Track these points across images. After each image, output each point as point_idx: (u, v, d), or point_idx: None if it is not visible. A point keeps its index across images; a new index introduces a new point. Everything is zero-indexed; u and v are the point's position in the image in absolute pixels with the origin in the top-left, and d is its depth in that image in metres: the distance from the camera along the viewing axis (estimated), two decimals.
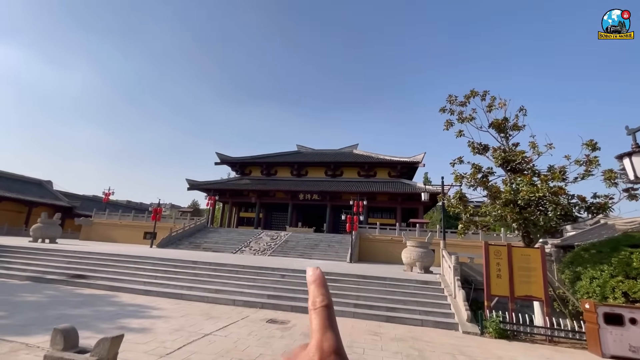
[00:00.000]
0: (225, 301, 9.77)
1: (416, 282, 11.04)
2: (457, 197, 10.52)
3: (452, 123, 11.24)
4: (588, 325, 7.34)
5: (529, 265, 8.53)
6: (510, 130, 10.70)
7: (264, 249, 24.96)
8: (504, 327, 7.89)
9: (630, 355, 6.73)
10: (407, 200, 36.06)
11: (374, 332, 7.52)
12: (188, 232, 29.25)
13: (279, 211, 42.94)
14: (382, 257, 25.78)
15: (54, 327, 2.78)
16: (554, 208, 8.64)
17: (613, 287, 7.86)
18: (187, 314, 8.13)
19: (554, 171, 9.21)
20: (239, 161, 46.83)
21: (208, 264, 13.06)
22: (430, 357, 5.93)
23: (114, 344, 2.63)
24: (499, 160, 10.02)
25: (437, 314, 8.93)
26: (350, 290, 10.46)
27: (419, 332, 7.74)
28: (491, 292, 8.62)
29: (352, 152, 47.23)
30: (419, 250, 15.12)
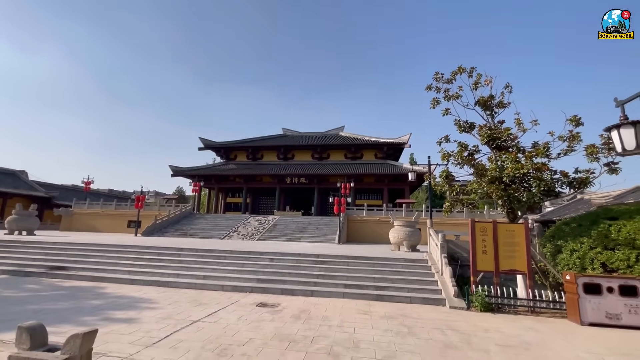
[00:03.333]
0: (214, 287, 9.66)
1: (404, 261, 11.20)
2: (443, 175, 10.55)
3: (438, 101, 11.11)
4: (568, 295, 7.62)
5: (513, 241, 8.72)
6: (495, 107, 10.68)
7: (252, 234, 24.85)
8: (489, 301, 8.11)
9: (607, 321, 7.05)
10: (393, 181, 36.38)
11: (364, 311, 7.60)
12: (173, 219, 28.73)
13: (267, 195, 42.65)
14: (370, 238, 26.12)
15: (18, 325, 2.57)
16: (537, 184, 8.77)
17: (592, 258, 8.14)
18: (175, 301, 7.98)
19: (538, 147, 9.30)
20: (224, 146, 45.80)
21: (195, 250, 12.85)
22: (419, 333, 6.03)
23: (87, 340, 2.45)
24: (484, 138, 10.04)
25: (425, 291, 9.11)
26: (340, 271, 10.52)
27: (408, 309, 7.87)
28: (477, 267, 8.82)
29: (338, 134, 46.90)
30: (406, 229, 15.32)
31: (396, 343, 5.41)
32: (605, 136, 8.70)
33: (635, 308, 7.02)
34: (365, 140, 42.30)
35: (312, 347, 5.11)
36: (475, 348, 5.33)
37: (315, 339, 5.50)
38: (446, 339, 5.77)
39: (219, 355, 4.62)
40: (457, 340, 5.68)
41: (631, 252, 7.70)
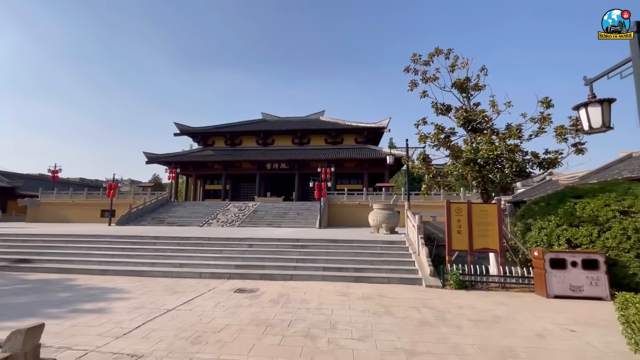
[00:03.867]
0: (191, 275, 9.47)
1: (382, 243, 11.37)
2: (420, 158, 10.65)
3: (416, 83, 11.07)
4: (536, 270, 7.99)
5: (487, 220, 9.00)
6: (471, 90, 10.77)
7: (232, 220, 24.52)
8: (463, 279, 8.39)
9: (570, 294, 7.47)
10: (373, 166, 36.72)
11: (343, 292, 7.67)
12: (150, 207, 27.85)
13: (247, 182, 42.07)
14: (351, 222, 26.41)
15: None
16: (510, 165, 9.02)
17: (558, 235, 8.54)
18: (149, 290, 7.75)
19: (511, 129, 9.51)
20: (201, 131, 44.36)
21: (171, 238, 12.50)
22: (395, 312, 6.14)
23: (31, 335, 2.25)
24: (460, 120, 10.14)
25: (403, 271, 9.30)
26: (319, 255, 10.56)
27: (385, 290, 8.01)
28: (452, 247, 9.06)
29: (318, 119, 46.46)
30: (385, 212, 15.53)
31: (373, 323, 5.49)
32: (574, 117, 8.99)
33: (596, 280, 7.47)
34: (346, 124, 42.17)
35: (289, 330, 5.09)
36: (448, 324, 5.49)
37: (292, 322, 5.49)
38: (421, 316, 5.91)
39: (192, 343, 4.51)
40: (431, 318, 5.83)
41: (594, 228, 8.13)
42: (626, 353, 4.09)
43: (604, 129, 3.92)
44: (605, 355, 4.31)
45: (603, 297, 7.37)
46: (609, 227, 8.01)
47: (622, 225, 7.85)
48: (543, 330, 5.25)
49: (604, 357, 4.24)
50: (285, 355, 4.18)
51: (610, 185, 9.31)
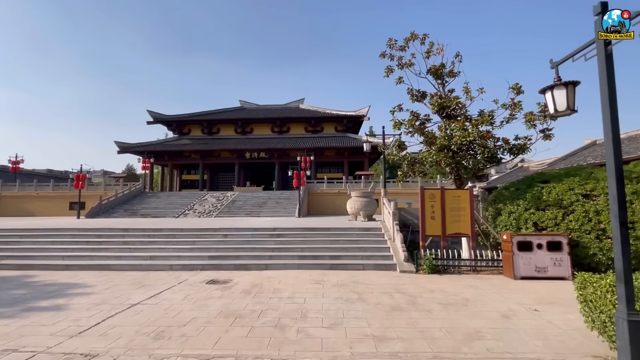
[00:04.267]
0: (162, 267, 9.14)
1: (359, 230, 11.40)
2: (396, 145, 10.64)
3: (392, 69, 10.95)
4: (504, 253, 8.24)
5: (459, 206, 9.15)
6: (446, 77, 10.78)
7: (209, 211, 23.99)
8: (436, 264, 8.54)
9: (536, 274, 7.76)
10: (353, 154, 36.81)
11: (317, 280, 7.62)
12: (122, 198, 26.76)
13: (225, 171, 41.16)
14: (331, 210, 26.48)
15: None
16: (482, 151, 9.16)
17: (526, 218, 8.82)
18: (115, 285, 7.39)
19: (483, 115, 9.62)
20: (176, 119, 42.75)
21: (142, 230, 12.02)
22: (368, 298, 6.15)
23: None
24: (435, 107, 10.17)
25: (378, 257, 9.37)
26: (296, 243, 10.45)
27: (360, 276, 8.03)
28: (426, 232, 9.19)
29: (298, 107, 45.80)
30: (363, 200, 15.60)
31: (345, 310, 5.46)
32: (542, 104, 9.19)
33: (559, 261, 7.79)
34: (326, 113, 41.86)
35: (259, 321, 4.97)
36: (419, 309, 5.54)
37: (263, 312, 5.37)
38: (393, 302, 5.94)
39: (154, 339, 4.30)
40: (403, 303, 5.87)
41: (559, 212, 8.44)
42: (584, 329, 4.24)
43: (569, 112, 3.94)
44: (564, 332, 4.47)
45: (566, 277, 7.71)
46: (572, 210, 8.33)
47: (584, 208, 8.19)
48: (508, 311, 5.39)
49: (563, 335, 4.39)
50: (251, 347, 4.06)
51: (575, 170, 9.67)
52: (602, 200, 8.09)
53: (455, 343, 4.13)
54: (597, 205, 8.10)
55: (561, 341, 4.18)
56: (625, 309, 3.02)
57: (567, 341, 4.18)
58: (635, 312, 3.01)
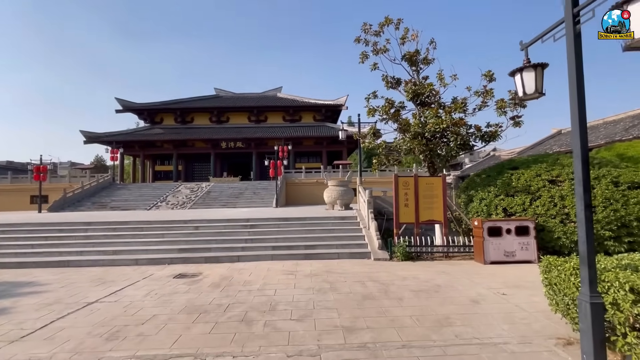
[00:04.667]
0: (127, 262, 8.65)
1: (334, 219, 11.30)
2: (371, 132, 10.52)
3: (367, 55, 10.74)
4: (475, 239, 8.39)
5: (432, 193, 9.20)
6: (421, 63, 10.69)
7: (183, 203, 23.20)
8: (409, 251, 8.58)
9: (505, 259, 7.96)
10: (332, 144, 36.62)
11: (290, 271, 7.44)
12: (89, 191, 25.36)
13: (201, 162, 39.93)
14: (309, 200, 26.30)
15: None
16: (455, 138, 9.19)
17: (496, 205, 9.00)
18: (72, 282, 6.89)
19: (456, 102, 9.64)
20: (147, 108, 40.78)
21: (106, 223, 11.34)
22: (340, 288, 6.04)
23: None
24: (409, 94, 10.08)
25: (353, 246, 9.31)
26: (270, 234, 10.21)
27: (334, 265, 7.93)
28: (400, 220, 9.20)
29: (276, 95, 44.88)
30: (339, 189, 15.50)
31: (316, 301, 5.31)
32: (513, 92, 9.29)
33: (527, 245, 8.01)
34: (304, 102, 41.26)
35: (224, 316, 4.73)
36: (391, 297, 5.49)
37: (230, 306, 5.13)
38: (365, 290, 5.86)
39: (107, 340, 3.97)
40: (375, 291, 5.81)
41: (527, 197, 8.65)
42: (548, 312, 4.31)
43: (537, 95, 3.88)
44: (530, 315, 4.53)
45: (532, 260, 7.95)
46: (539, 195, 8.56)
47: (550, 193, 8.43)
48: (478, 295, 5.44)
49: (529, 317, 4.45)
50: (213, 344, 3.82)
51: (542, 157, 9.95)
52: (567, 186, 8.35)
53: (424, 331, 4.08)
54: (562, 190, 8.36)
55: (527, 324, 4.23)
56: (588, 291, 3.02)
57: (532, 324, 4.23)
58: (597, 294, 3.02)
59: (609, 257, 3.74)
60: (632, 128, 17.80)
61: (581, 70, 3.19)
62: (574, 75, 3.20)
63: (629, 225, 7.64)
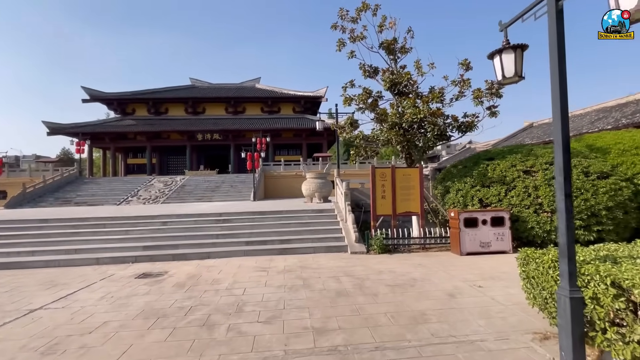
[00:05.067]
0: (87, 261, 7.98)
1: (311, 212, 10.99)
2: (348, 123, 10.21)
3: (344, 42, 10.35)
4: (452, 230, 8.32)
5: (409, 184, 9.05)
6: (399, 52, 10.43)
7: (155, 197, 22.16)
8: (386, 243, 8.41)
9: (480, 249, 7.94)
10: (311, 136, 36.19)
11: (263, 267, 7.07)
12: (53, 185, 23.75)
13: (176, 154, 38.47)
14: (288, 193, 25.87)
15: None
16: (432, 129, 9.04)
17: (472, 195, 8.97)
18: (17, 287, 6.22)
19: (433, 92, 9.47)
20: (117, 98, 38.71)
21: (65, 220, 10.51)
22: (314, 284, 5.75)
23: None
24: (387, 83, 9.81)
25: (329, 239, 9.04)
26: (244, 229, 9.77)
27: (309, 260, 7.63)
28: (377, 212, 9.00)
29: (254, 86, 43.74)
30: (318, 181, 15.19)
31: (287, 299, 4.99)
32: (490, 81, 9.23)
33: (502, 236, 8.02)
34: (283, 93, 40.45)
35: (185, 320, 4.31)
36: (366, 292, 5.25)
37: (193, 309, 4.71)
38: (340, 286, 5.60)
39: (43, 354, 3.48)
40: (350, 287, 5.55)
41: (502, 188, 8.66)
42: (524, 304, 4.20)
43: (517, 79, 3.66)
44: (506, 308, 4.41)
45: (507, 250, 7.97)
46: (514, 186, 8.58)
47: (524, 183, 8.46)
48: (454, 289, 5.30)
49: (505, 311, 4.33)
50: (167, 353, 3.42)
51: (517, 147, 10.01)
52: (541, 176, 8.41)
53: (399, 330, 3.85)
54: (535, 180, 8.41)
55: (503, 318, 4.10)
56: (568, 285, 2.85)
57: (508, 317, 4.10)
58: (577, 288, 2.85)
59: (586, 248, 3.62)
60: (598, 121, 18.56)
61: (563, 50, 2.97)
62: (556, 55, 2.97)
63: (598, 214, 7.78)
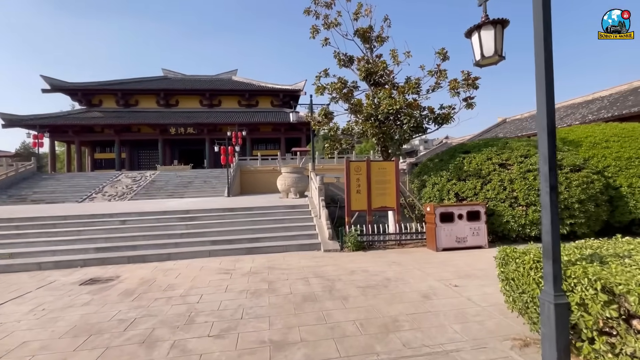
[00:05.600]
0: (27, 267, 7.10)
1: (284, 208, 10.45)
2: (322, 114, 9.70)
3: (317, 29, 9.81)
4: (428, 225, 8.05)
5: (385, 178, 8.70)
6: (375, 41, 10.01)
7: (122, 193, 20.88)
8: (361, 240, 8.04)
9: (456, 245, 7.71)
10: (290, 130, 35.49)
11: (227, 270, 6.49)
12: (5, 182, 21.90)
13: (148, 149, 36.71)
14: (266, 188, 25.16)
15: None
16: (408, 120, 8.70)
17: (448, 189, 8.74)
18: None
19: (410, 83, 9.13)
20: (82, 88, 36.27)
21: (6, 220, 9.42)
22: (280, 288, 5.25)
23: None
24: (362, 73, 9.38)
25: (302, 237, 8.56)
26: (211, 227, 9.10)
27: (279, 260, 7.12)
28: (352, 207, 8.60)
29: (230, 78, 42.28)
30: (294, 176, 14.64)
31: (246, 307, 4.47)
32: (466, 72, 8.98)
33: (478, 230, 7.83)
34: (261, 86, 39.35)
35: (123, 336, 3.71)
36: (335, 296, 4.82)
37: (135, 322, 4.10)
38: (308, 290, 5.14)
39: None
40: (319, 290, 5.10)
41: (477, 181, 8.47)
42: (501, 305, 3.91)
43: (497, 58, 3.29)
44: (483, 310, 4.10)
45: (483, 245, 7.80)
46: (490, 179, 8.42)
47: (500, 177, 8.31)
48: (429, 289, 4.96)
49: (482, 313, 4.01)
50: None
51: (492, 140, 9.88)
52: (516, 169, 8.28)
53: (368, 340, 3.43)
54: (511, 174, 8.27)
55: (480, 322, 3.77)
56: (552, 289, 2.50)
57: (485, 321, 3.78)
58: (562, 292, 2.51)
59: (568, 245, 3.32)
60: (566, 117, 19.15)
61: (549, 20, 2.58)
62: (541, 26, 2.59)
63: (571, 207, 7.74)
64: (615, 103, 16.49)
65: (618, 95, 17.34)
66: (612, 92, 18.26)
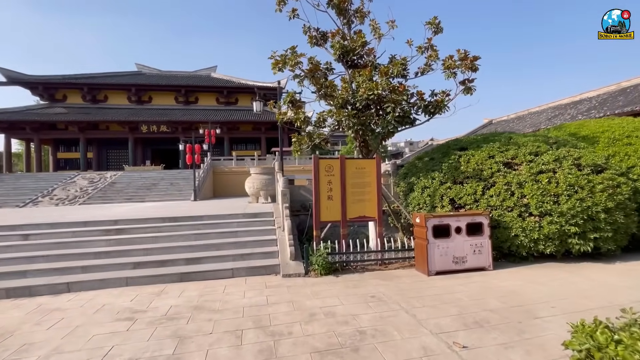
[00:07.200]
0: None
1: (244, 217, 8.51)
2: (287, 101, 7.85)
3: (285, 1, 7.99)
4: (417, 241, 6.28)
5: (364, 180, 6.90)
6: (353, 16, 8.26)
7: (75, 197, 18.44)
8: (332, 260, 6.21)
9: (453, 267, 5.99)
10: (271, 130, 33.53)
11: (135, 311, 4.53)
12: None
13: (117, 148, 34.02)
14: (240, 191, 22.95)
15: None
16: (392, 109, 6.95)
17: (442, 194, 7.05)
18: None
19: (395, 62, 7.38)
20: (44, 81, 33.29)
21: None
22: (190, 352, 3.35)
23: None
24: (337, 51, 7.60)
25: (257, 256, 6.66)
26: (141, 243, 7.08)
27: (216, 293, 5.20)
28: (321, 218, 6.75)
29: (209, 75, 39.94)
30: (263, 177, 12.74)
31: None
32: (462, 51, 7.31)
33: (480, 248, 6.13)
34: (241, 83, 37.19)
35: None
36: None
37: None
38: (233, 356, 3.26)
39: None
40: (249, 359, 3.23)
41: (478, 185, 6.79)
42: None
43: None
44: None
45: (485, 266, 6.11)
46: (493, 182, 6.76)
47: (506, 179, 6.65)
48: (423, 356, 3.16)
49: None
50: None
51: (493, 135, 8.26)
52: (525, 170, 6.64)
53: None
54: (519, 175, 6.62)
55: None
56: None
57: None
58: None
59: None
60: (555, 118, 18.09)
61: None
62: None
63: (596, 217, 6.13)
64: (604, 103, 15.61)
65: (607, 96, 16.54)
66: (600, 93, 17.51)
